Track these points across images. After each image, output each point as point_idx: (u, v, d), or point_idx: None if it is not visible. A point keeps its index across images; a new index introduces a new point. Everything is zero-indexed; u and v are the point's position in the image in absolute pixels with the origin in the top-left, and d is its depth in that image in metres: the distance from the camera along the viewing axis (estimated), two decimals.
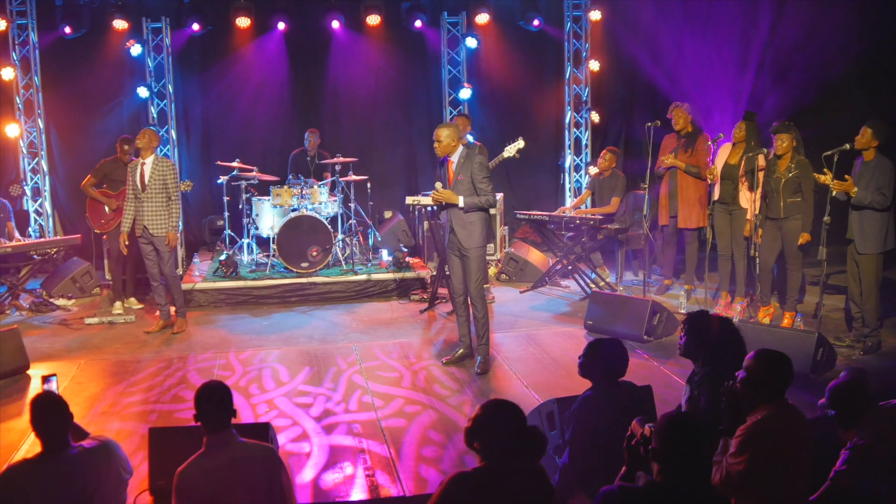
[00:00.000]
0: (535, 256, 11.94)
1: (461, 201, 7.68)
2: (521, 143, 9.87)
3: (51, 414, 4.27)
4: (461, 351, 8.17)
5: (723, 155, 9.58)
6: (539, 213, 11.48)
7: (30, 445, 6.22)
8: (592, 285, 10.74)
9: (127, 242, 9.35)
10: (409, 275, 10.96)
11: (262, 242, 11.99)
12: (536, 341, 8.79)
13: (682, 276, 11.04)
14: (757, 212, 9.01)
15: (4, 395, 7.47)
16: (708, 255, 9.86)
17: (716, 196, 9.60)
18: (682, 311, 9.63)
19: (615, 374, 5.04)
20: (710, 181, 9.61)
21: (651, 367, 7.84)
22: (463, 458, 5.97)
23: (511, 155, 9.83)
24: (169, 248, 9.26)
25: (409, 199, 9.92)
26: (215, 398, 4.30)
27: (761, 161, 9.03)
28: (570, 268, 11.08)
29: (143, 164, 9.17)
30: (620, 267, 11.24)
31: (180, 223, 10.21)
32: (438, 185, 7.92)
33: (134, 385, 7.63)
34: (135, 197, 9.24)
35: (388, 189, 14.00)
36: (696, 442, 3.71)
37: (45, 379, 4.94)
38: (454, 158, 7.81)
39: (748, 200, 9.23)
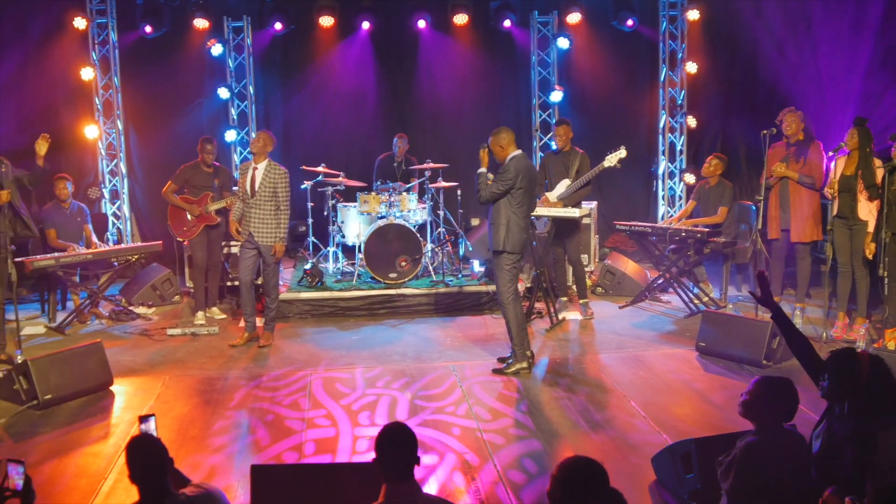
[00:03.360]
0: (632, 269, 11.30)
1: (479, 170, 8.22)
2: (622, 153, 9.34)
3: (150, 460, 3.75)
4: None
5: (839, 167, 8.84)
6: (641, 223, 10.84)
7: (117, 474, 5.79)
8: (696, 301, 10.09)
9: (240, 230, 8.93)
10: None
11: (348, 250, 11.50)
12: (645, 364, 8.16)
13: (784, 291, 10.32)
14: (881, 226, 8.26)
15: (88, 414, 7.06)
16: (828, 273, 9.17)
17: (834, 211, 8.88)
18: None
19: (785, 419, 4.40)
20: (830, 196, 8.88)
21: None
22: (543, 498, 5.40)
23: (612, 165, 9.32)
24: (275, 258, 8.83)
25: None
26: (403, 443, 3.76)
27: (880, 172, 8.32)
28: (672, 282, 10.43)
29: (256, 168, 8.78)
30: (725, 282, 10.52)
31: None
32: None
33: (224, 406, 7.15)
34: (243, 200, 8.85)
35: (474, 195, 13.41)
36: None
37: (143, 419, 4.40)
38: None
39: (868, 212, 8.52)
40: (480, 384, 7.59)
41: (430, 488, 5.44)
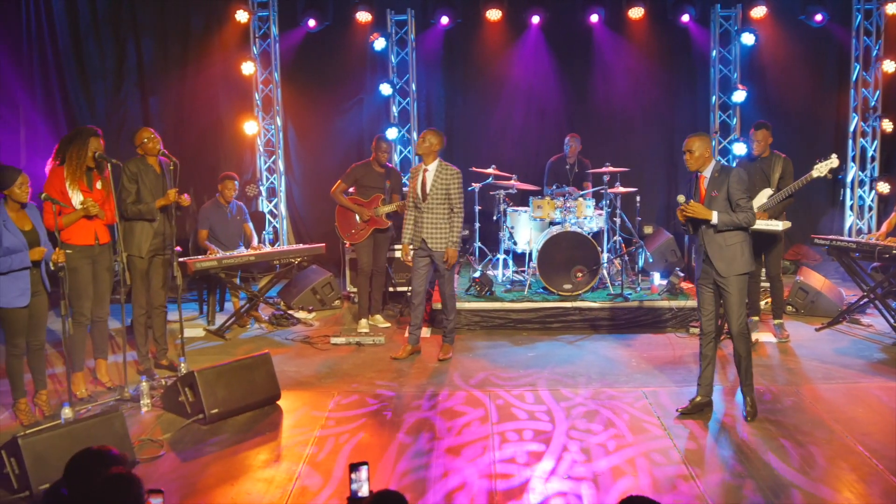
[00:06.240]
0: (826, 286, 10.28)
1: (715, 216, 6.49)
2: (834, 161, 8.39)
3: None
4: (698, 398, 6.91)
5: None
6: (843, 238, 9.86)
7: None
8: None
9: (410, 256, 8.38)
10: (686, 303, 9.53)
11: (517, 258, 10.83)
12: (864, 399, 7.14)
13: None
14: None
15: (256, 432, 6.54)
16: None
17: None
18: None
19: None
20: None
21: None
22: None
23: (822, 175, 8.37)
24: (447, 265, 8.24)
25: None
26: None
27: None
28: (876, 303, 9.38)
29: (426, 170, 8.17)
30: None
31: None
32: (681, 197, 6.74)
33: (401, 429, 6.53)
34: (415, 206, 8.28)
35: (646, 201, 12.59)
36: None
37: (353, 467, 3.77)
38: (706, 173, 6.66)
39: None
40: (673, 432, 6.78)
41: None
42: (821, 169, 8.38)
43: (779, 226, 8.54)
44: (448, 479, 5.69)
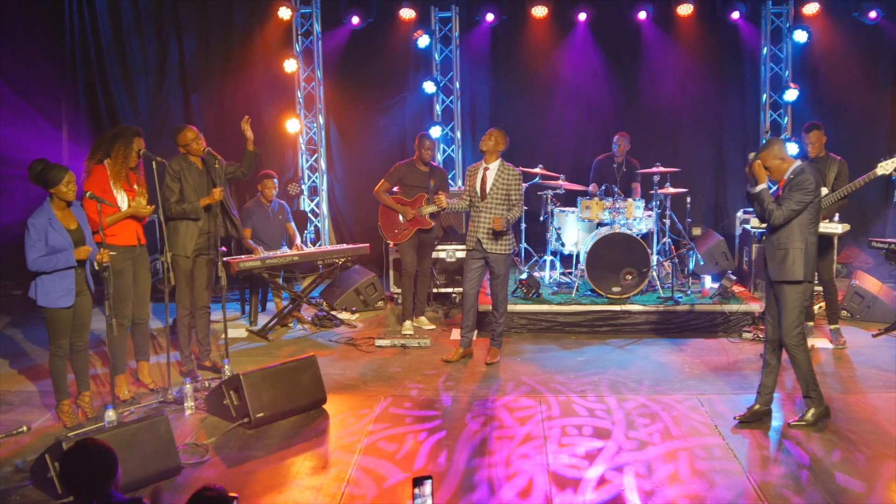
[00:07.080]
0: (883, 291, 9.98)
1: (760, 186, 6.37)
2: None
3: None
4: (757, 406, 6.67)
5: None
6: None
7: None
8: None
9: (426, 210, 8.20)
10: (739, 307, 9.27)
11: (564, 259, 10.62)
12: None
13: None
14: None
15: (302, 438, 6.38)
16: None
17: None
18: None
19: None
20: None
21: None
22: None
23: (886, 173, 8.10)
24: (492, 226, 7.83)
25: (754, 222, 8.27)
26: None
27: None
28: None
29: (487, 168, 8.00)
30: None
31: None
32: (752, 154, 6.56)
33: (453, 437, 6.32)
34: (470, 204, 8.10)
35: (694, 202, 12.30)
36: None
37: (417, 482, 3.60)
38: (787, 176, 6.38)
39: None
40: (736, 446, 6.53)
41: None
42: (886, 167, 8.11)
43: (838, 228, 8.28)
44: (515, 479, 5.56)
